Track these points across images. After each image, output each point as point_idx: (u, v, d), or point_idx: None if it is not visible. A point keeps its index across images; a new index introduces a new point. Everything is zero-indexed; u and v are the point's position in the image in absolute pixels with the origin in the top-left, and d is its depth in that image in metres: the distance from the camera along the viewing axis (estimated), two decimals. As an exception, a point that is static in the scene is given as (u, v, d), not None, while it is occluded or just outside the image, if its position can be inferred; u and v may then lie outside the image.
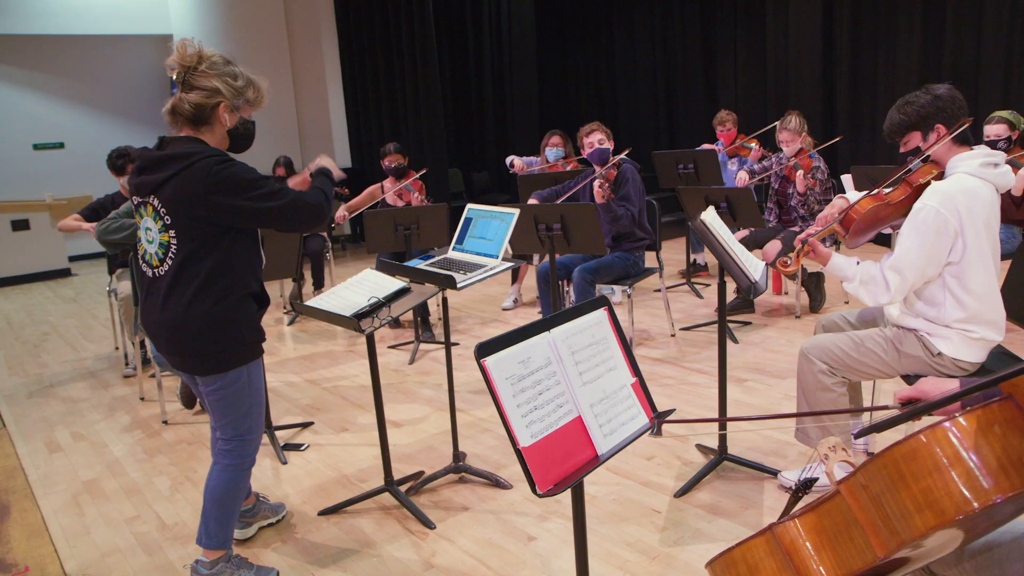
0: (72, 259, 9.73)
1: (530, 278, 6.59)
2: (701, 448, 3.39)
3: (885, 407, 1.82)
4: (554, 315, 1.82)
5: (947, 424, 1.22)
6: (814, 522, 1.46)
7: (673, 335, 5.12)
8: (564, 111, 11.29)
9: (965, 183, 2.52)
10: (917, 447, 1.23)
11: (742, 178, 5.86)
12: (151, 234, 2.36)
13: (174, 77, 2.37)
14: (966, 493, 1.17)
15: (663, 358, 4.69)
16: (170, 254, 2.32)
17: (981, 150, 2.59)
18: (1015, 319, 3.06)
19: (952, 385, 1.86)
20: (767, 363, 4.47)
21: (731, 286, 5.46)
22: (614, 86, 10.89)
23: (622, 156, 4.74)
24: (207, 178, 2.24)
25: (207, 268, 2.32)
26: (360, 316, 2.76)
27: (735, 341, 4.89)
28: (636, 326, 5.37)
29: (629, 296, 4.92)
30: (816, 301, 5.46)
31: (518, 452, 1.62)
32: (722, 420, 2.64)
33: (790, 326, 5.18)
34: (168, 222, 2.31)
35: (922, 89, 2.62)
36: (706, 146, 6.61)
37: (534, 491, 1.60)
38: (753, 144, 6.51)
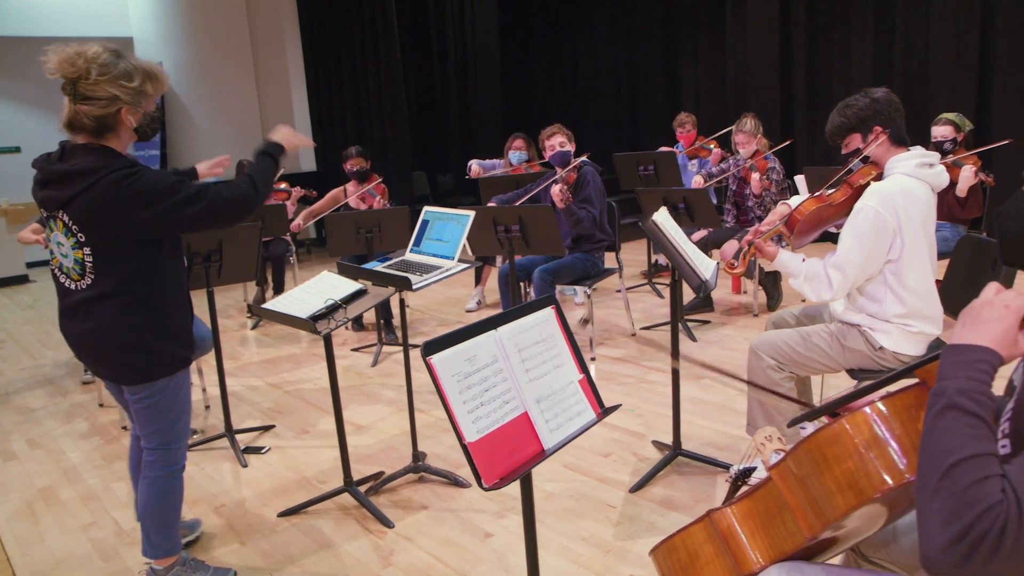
0: (30, 265, 9.58)
1: (493, 280, 6.63)
2: (657, 444, 3.45)
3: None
4: (501, 313, 1.86)
5: (866, 409, 1.28)
6: (749, 508, 1.52)
7: (633, 334, 5.20)
8: (528, 114, 11.35)
9: (902, 184, 2.60)
10: (839, 432, 1.29)
11: (697, 180, 5.95)
12: (64, 248, 2.28)
13: (61, 85, 2.22)
14: (883, 473, 1.24)
15: (623, 357, 4.76)
16: (88, 270, 2.25)
17: (917, 151, 2.68)
18: (953, 314, 3.16)
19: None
20: (725, 361, 4.56)
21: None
22: (577, 88, 10.98)
23: (583, 159, 4.80)
24: (118, 195, 2.16)
25: (130, 279, 2.26)
26: (317, 318, 2.78)
27: (694, 340, 4.97)
28: (598, 326, 5.43)
29: (589, 296, 4.98)
30: (773, 300, 5.57)
31: (464, 447, 1.66)
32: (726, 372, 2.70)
33: (748, 324, 5.28)
34: (82, 239, 2.23)
35: (861, 93, 2.71)
36: (666, 148, 6.70)
37: (480, 485, 1.64)
38: (712, 145, 6.62)
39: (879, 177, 2.71)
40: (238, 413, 4.30)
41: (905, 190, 2.60)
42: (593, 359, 4.75)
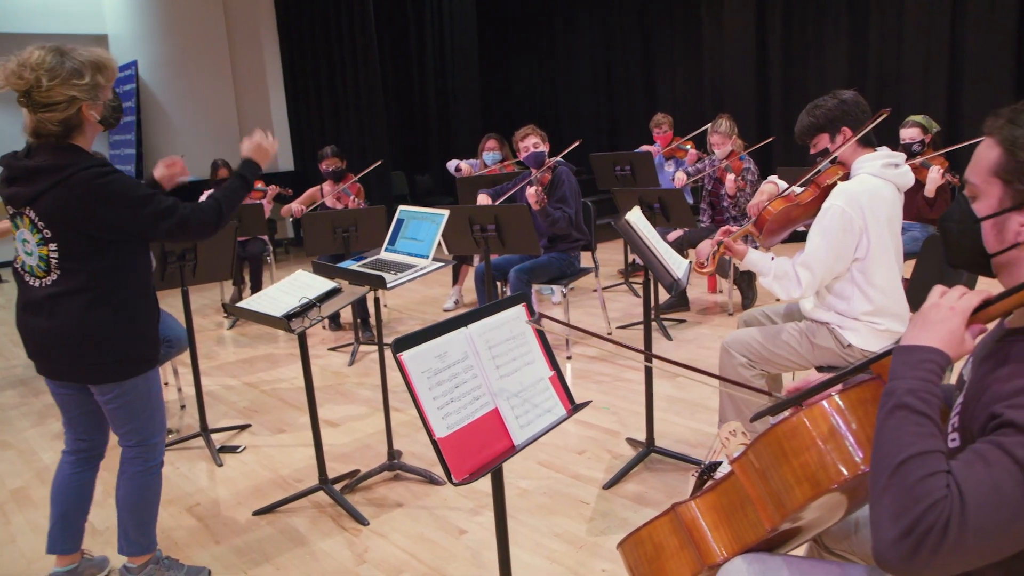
0: (1, 265, 9.47)
1: (471, 280, 6.63)
2: (631, 441, 3.49)
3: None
4: (471, 311, 1.89)
5: (823, 403, 1.32)
6: (712, 501, 1.55)
7: (610, 333, 5.23)
8: (507, 114, 11.38)
9: (868, 183, 2.65)
10: (797, 425, 1.32)
11: (680, 178, 6.01)
12: (29, 246, 2.27)
13: (16, 98, 2.20)
14: (839, 465, 1.27)
15: (599, 356, 4.79)
16: (53, 267, 2.24)
17: (883, 151, 2.73)
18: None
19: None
20: (699, 359, 4.60)
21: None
22: (556, 89, 11.03)
23: (557, 159, 4.83)
24: (88, 192, 2.17)
25: (96, 277, 2.26)
26: (291, 316, 2.79)
27: (669, 338, 5.02)
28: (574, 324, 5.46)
29: (564, 295, 5.01)
30: (748, 299, 5.63)
31: (434, 443, 1.68)
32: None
33: (723, 323, 5.33)
34: (48, 236, 2.22)
35: (829, 94, 2.75)
36: (644, 148, 6.75)
37: (450, 480, 1.66)
38: (689, 146, 6.68)
39: (846, 177, 2.76)
40: (214, 412, 4.29)
41: (871, 190, 2.65)
42: (569, 358, 4.78)
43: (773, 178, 3.11)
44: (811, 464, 1.29)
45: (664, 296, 5.61)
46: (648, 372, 3.23)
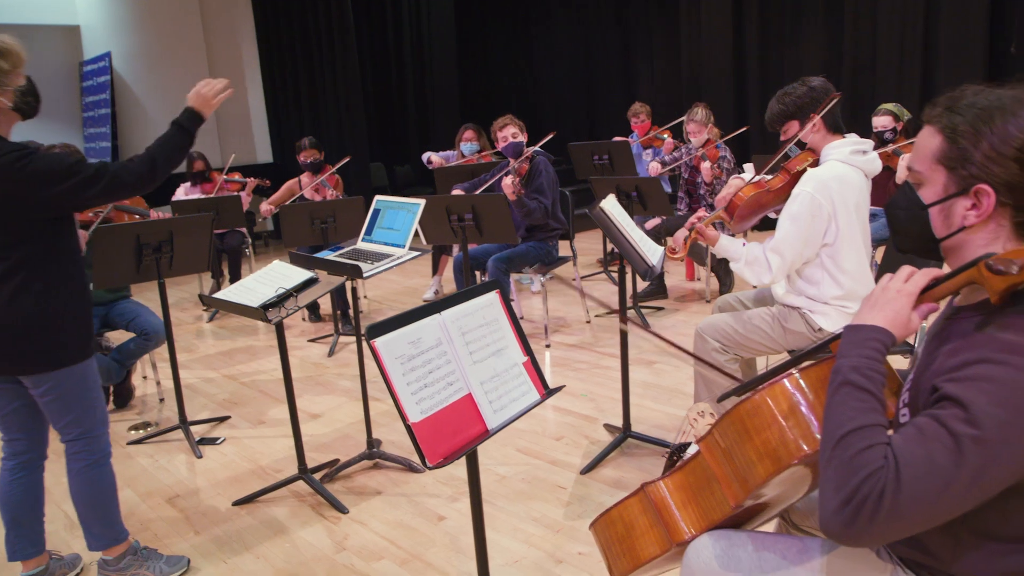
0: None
1: (451, 269, 6.65)
2: (608, 427, 3.53)
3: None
4: (445, 298, 1.91)
5: (784, 381, 1.35)
6: (680, 480, 1.59)
7: (588, 321, 5.27)
8: (485, 104, 11.36)
9: (837, 170, 2.70)
10: (759, 403, 1.36)
11: (654, 168, 6.04)
12: None
13: None
14: (799, 441, 1.31)
15: (578, 343, 4.83)
16: None
17: (851, 138, 2.78)
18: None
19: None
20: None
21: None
22: (534, 79, 11.02)
23: (536, 148, 4.85)
24: (12, 175, 2.16)
25: (24, 264, 2.24)
26: (267, 306, 2.79)
27: (647, 326, 5.06)
28: (553, 313, 5.50)
29: (543, 284, 5.04)
30: (725, 286, 5.68)
31: (408, 428, 1.70)
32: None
33: (700, 310, 5.39)
34: None
35: (799, 81, 2.79)
36: (620, 138, 6.77)
37: (424, 464, 1.69)
38: (666, 135, 6.71)
39: (815, 163, 2.80)
40: (193, 405, 4.29)
41: (839, 176, 2.69)
42: (548, 346, 4.81)
43: (745, 170, 3.15)
44: (772, 441, 1.32)
45: (643, 285, 5.66)
46: (624, 359, 3.26)
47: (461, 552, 2.66)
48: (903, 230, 1.35)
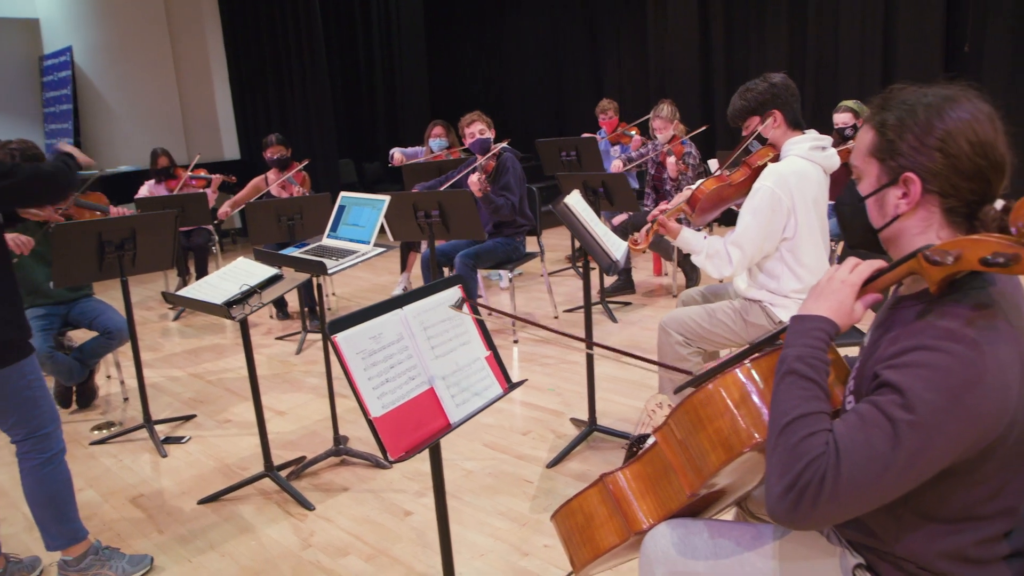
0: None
1: (420, 266, 6.65)
2: (574, 421, 3.56)
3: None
4: (407, 293, 1.92)
5: (736, 371, 1.38)
6: (638, 470, 1.61)
7: (556, 317, 5.30)
8: (454, 100, 11.35)
9: (796, 165, 2.74)
10: (711, 393, 1.39)
11: (616, 165, 6.08)
12: None
13: None
14: (750, 429, 1.34)
15: (545, 339, 4.85)
16: None
17: (811, 134, 2.82)
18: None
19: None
20: (643, 340, 4.69)
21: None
22: (504, 76, 11.03)
23: (503, 145, 4.86)
24: None
25: None
26: (231, 303, 2.78)
27: (614, 321, 5.10)
28: (521, 309, 5.52)
29: (511, 280, 5.06)
30: (692, 280, 5.74)
31: (369, 422, 1.71)
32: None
33: (667, 305, 5.44)
34: None
35: (760, 77, 2.83)
36: (588, 134, 6.81)
37: (386, 458, 1.70)
38: (634, 132, 6.76)
39: (776, 158, 2.84)
40: (158, 404, 4.25)
41: (799, 171, 2.74)
42: (516, 342, 4.84)
43: (710, 167, 3.18)
44: (725, 430, 1.35)
45: (610, 280, 5.70)
46: (589, 354, 3.29)
47: (427, 547, 2.67)
48: (850, 225, 1.40)
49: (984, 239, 1.11)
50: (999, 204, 1.23)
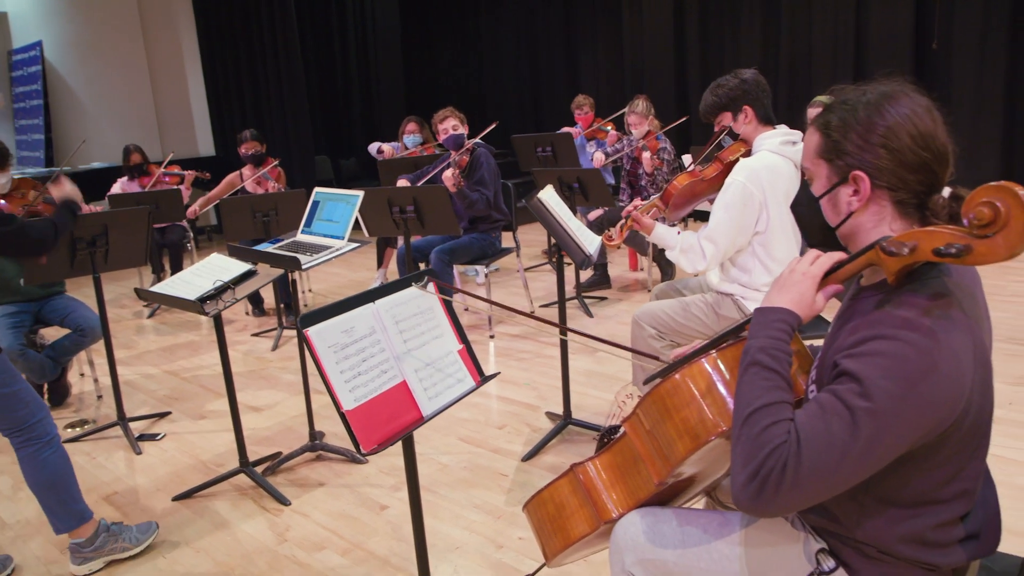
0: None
1: (396, 262, 6.64)
2: (550, 415, 3.58)
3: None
4: (379, 287, 1.93)
5: (702, 361, 1.41)
6: (608, 460, 1.64)
7: (532, 312, 5.31)
8: (431, 97, 11.33)
9: (768, 160, 2.77)
10: (678, 383, 1.41)
11: (599, 159, 6.11)
12: None
13: None
14: (716, 418, 1.36)
15: (521, 333, 4.88)
16: None
17: (782, 129, 2.86)
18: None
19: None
20: (619, 334, 4.72)
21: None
22: (479, 71, 11.03)
23: (476, 140, 4.87)
24: None
25: None
26: (204, 299, 2.77)
27: (590, 315, 5.13)
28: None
29: (487, 276, 5.07)
30: (667, 275, 5.78)
31: (342, 415, 1.72)
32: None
33: (643, 300, 5.47)
34: None
35: (731, 73, 2.86)
36: (566, 129, 6.83)
37: (358, 451, 1.71)
38: (609, 127, 6.79)
39: (748, 154, 2.87)
40: (132, 401, 4.22)
41: (770, 166, 2.77)
42: (492, 336, 4.85)
43: (685, 162, 3.22)
44: (691, 419, 1.38)
45: (587, 275, 5.73)
46: (564, 347, 3.32)
47: (403, 540, 2.68)
48: (807, 225, 1.44)
49: (938, 230, 1.15)
50: (946, 192, 1.27)
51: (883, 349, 1.16)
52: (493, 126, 4.88)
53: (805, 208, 1.43)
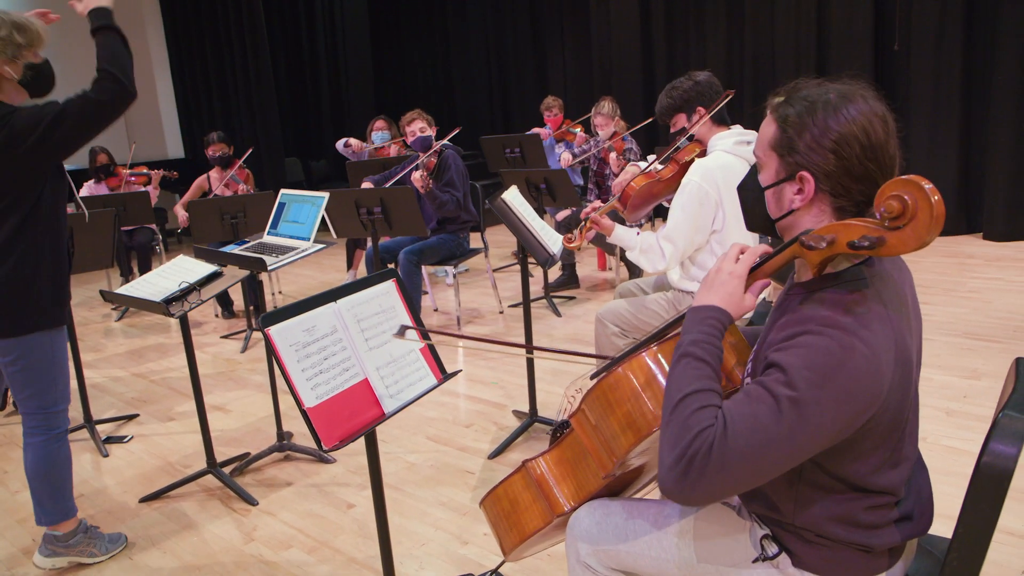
0: None
1: (366, 263, 6.67)
2: (516, 413, 3.63)
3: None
4: (341, 287, 1.96)
5: (642, 355, 1.46)
6: (558, 455, 1.69)
7: (501, 312, 5.37)
8: (400, 98, 11.34)
9: (722, 160, 2.85)
10: (620, 377, 1.46)
11: (566, 159, 6.18)
12: None
13: None
14: (657, 410, 1.41)
15: (490, 333, 4.92)
16: None
17: (736, 129, 2.93)
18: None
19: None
20: (586, 334, 4.78)
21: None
22: (449, 73, 11.05)
23: (444, 142, 4.91)
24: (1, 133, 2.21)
25: (9, 229, 2.29)
26: (170, 301, 2.79)
27: (558, 315, 5.19)
28: (467, 305, 5.58)
29: (455, 277, 5.12)
30: (635, 274, 5.85)
31: (303, 412, 1.75)
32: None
33: (611, 299, 5.54)
34: None
35: (685, 76, 2.93)
36: (535, 130, 6.89)
37: (320, 448, 1.75)
38: (578, 129, 6.86)
39: (703, 154, 2.94)
40: (100, 404, 4.21)
41: (725, 165, 2.85)
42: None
43: (647, 160, 3.28)
44: (633, 412, 1.43)
45: (556, 275, 5.79)
46: (529, 359, 3.37)
47: (369, 537, 2.72)
48: (750, 210, 1.48)
49: (854, 224, 1.21)
50: None
51: (807, 342, 1.21)
52: (457, 130, 4.93)
53: (750, 193, 1.46)
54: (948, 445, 3.03)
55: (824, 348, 1.20)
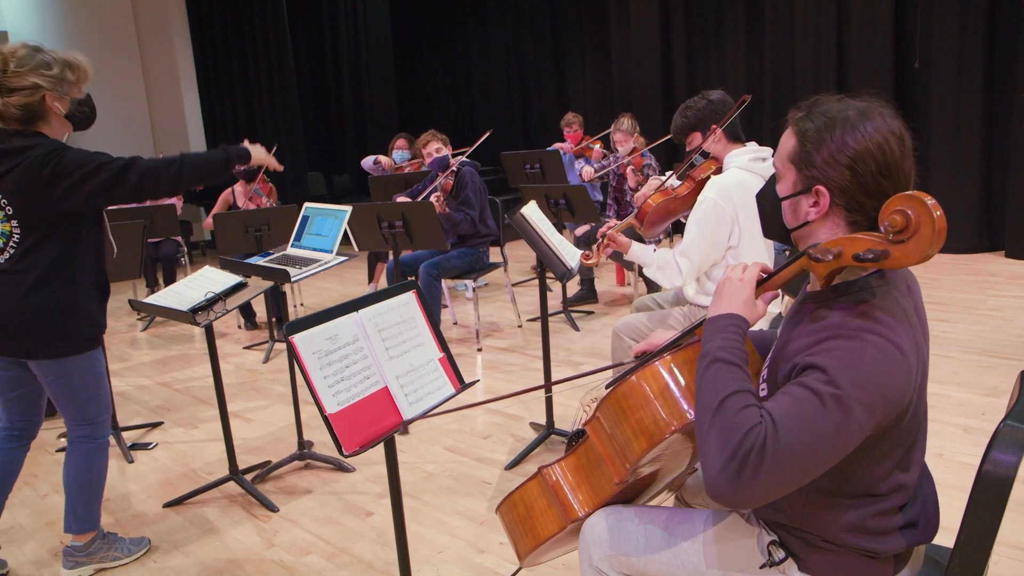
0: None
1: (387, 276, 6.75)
2: (533, 425, 3.67)
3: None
4: (362, 297, 2.02)
5: (656, 363, 1.50)
6: (574, 462, 1.73)
7: (520, 326, 5.42)
8: (422, 114, 11.47)
9: (738, 176, 2.89)
10: (633, 385, 1.50)
11: (587, 172, 6.24)
12: None
13: None
14: (669, 418, 1.45)
15: (509, 347, 4.97)
16: (11, 243, 2.36)
17: (751, 146, 2.97)
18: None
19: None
20: (604, 348, 4.82)
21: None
22: (470, 89, 11.16)
23: (461, 159, 4.98)
24: (45, 167, 2.29)
25: (50, 257, 2.38)
26: (196, 310, 2.87)
27: (576, 329, 5.23)
28: (486, 319, 5.63)
29: (475, 290, 5.18)
30: (653, 289, 5.89)
31: (325, 418, 1.81)
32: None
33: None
34: (10, 212, 2.34)
35: (699, 95, 2.98)
36: (555, 146, 6.96)
37: (340, 452, 1.80)
38: (597, 145, 6.92)
39: (719, 171, 2.99)
40: (126, 412, 4.30)
41: (740, 182, 2.89)
42: (480, 350, 4.94)
43: (661, 176, 3.33)
44: (646, 419, 1.47)
45: (575, 290, 5.84)
46: (546, 362, 3.41)
47: (387, 545, 2.76)
48: (767, 219, 1.52)
49: (859, 237, 1.25)
50: None
51: (843, 346, 1.24)
52: (488, 134, 5.00)
53: (768, 202, 1.50)
54: (964, 462, 3.03)
55: (860, 350, 1.23)
